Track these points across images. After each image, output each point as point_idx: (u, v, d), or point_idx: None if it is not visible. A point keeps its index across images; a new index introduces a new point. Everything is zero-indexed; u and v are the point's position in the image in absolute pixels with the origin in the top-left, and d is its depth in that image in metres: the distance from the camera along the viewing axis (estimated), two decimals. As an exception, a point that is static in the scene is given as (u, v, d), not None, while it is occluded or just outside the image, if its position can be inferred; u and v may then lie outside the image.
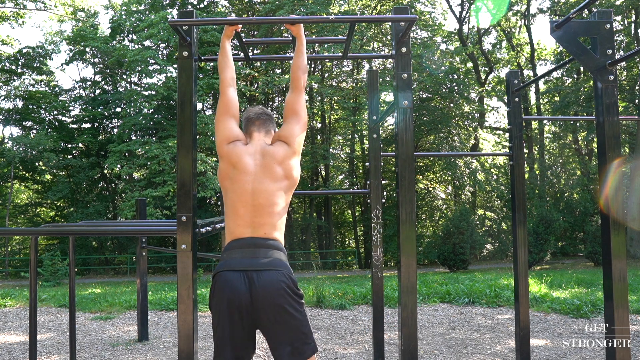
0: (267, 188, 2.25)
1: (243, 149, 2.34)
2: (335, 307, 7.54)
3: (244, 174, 2.27)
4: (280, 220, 2.28)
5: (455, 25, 26.11)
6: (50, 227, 4.36)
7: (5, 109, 23.21)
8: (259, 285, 2.09)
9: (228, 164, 2.32)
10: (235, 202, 2.25)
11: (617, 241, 2.60)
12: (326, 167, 24.81)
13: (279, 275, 2.12)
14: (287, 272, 2.17)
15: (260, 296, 2.08)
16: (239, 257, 2.16)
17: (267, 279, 2.10)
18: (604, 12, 2.73)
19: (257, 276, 2.10)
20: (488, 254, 23.71)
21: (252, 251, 2.16)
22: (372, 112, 4.31)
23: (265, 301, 2.08)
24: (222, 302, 2.12)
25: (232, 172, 2.30)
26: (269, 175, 2.28)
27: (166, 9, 21.68)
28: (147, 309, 6.00)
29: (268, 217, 2.23)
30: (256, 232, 2.21)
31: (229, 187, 2.30)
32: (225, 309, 2.10)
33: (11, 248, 25.41)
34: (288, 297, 2.11)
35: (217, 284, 2.16)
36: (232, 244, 2.23)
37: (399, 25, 2.59)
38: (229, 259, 2.19)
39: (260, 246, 2.18)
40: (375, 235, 4.21)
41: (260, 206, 2.23)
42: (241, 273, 2.12)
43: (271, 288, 2.09)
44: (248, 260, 2.14)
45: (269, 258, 2.16)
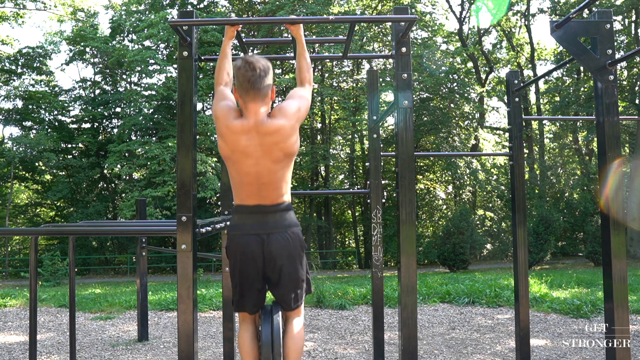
0: (270, 169, 2.33)
1: (239, 126, 2.31)
2: (335, 307, 7.54)
3: (245, 157, 2.32)
4: (286, 185, 2.42)
5: (455, 25, 26.12)
6: (50, 227, 4.35)
7: (5, 109, 23.20)
8: (270, 245, 2.34)
9: (227, 145, 2.35)
10: (240, 180, 2.38)
11: (617, 241, 2.60)
12: (326, 167, 24.80)
13: (288, 235, 2.38)
14: (296, 231, 2.41)
15: (272, 254, 2.35)
16: (251, 222, 2.37)
17: (278, 240, 2.36)
18: (604, 12, 2.73)
19: (267, 238, 2.35)
20: (488, 254, 23.70)
21: (262, 216, 2.37)
22: (372, 112, 4.30)
23: (276, 258, 2.35)
24: (239, 257, 2.38)
25: (233, 155, 2.35)
26: (271, 157, 2.32)
27: (166, 9, 21.68)
28: (147, 309, 6.00)
29: (273, 189, 2.37)
30: (264, 201, 2.37)
31: (231, 166, 2.39)
32: (243, 262, 2.37)
33: (11, 248, 25.40)
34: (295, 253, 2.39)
35: (234, 244, 2.40)
36: (242, 209, 2.40)
37: (399, 25, 2.59)
38: (241, 223, 2.39)
39: (269, 212, 2.37)
40: (375, 235, 4.21)
41: (265, 184, 2.35)
42: (254, 236, 2.35)
43: (282, 247, 2.36)
44: (259, 226, 2.36)
45: (278, 221, 2.37)
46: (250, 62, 2.28)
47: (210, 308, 7.75)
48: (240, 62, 2.31)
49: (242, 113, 2.35)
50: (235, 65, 2.33)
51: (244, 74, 2.28)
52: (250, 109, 2.32)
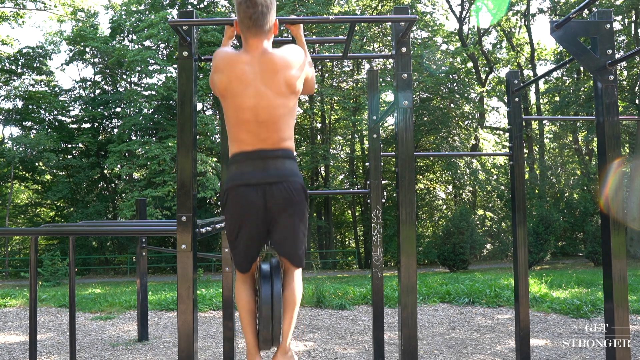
0: (270, 102, 2.14)
1: (237, 57, 2.18)
2: (335, 307, 7.54)
3: (242, 85, 2.14)
4: (289, 129, 2.22)
5: (455, 25, 26.13)
6: (50, 227, 4.36)
7: (5, 109, 23.22)
8: (271, 197, 2.15)
9: (223, 76, 2.17)
10: (237, 119, 2.18)
11: (617, 241, 2.60)
12: (326, 167, 24.80)
13: (291, 185, 2.18)
14: (298, 181, 2.21)
15: (273, 205, 2.15)
16: (250, 171, 2.16)
17: (279, 191, 2.15)
18: (604, 12, 2.73)
19: (269, 189, 2.15)
20: (488, 254, 23.70)
21: (262, 163, 2.16)
22: (372, 112, 4.30)
23: (278, 209, 2.16)
24: (237, 213, 2.18)
25: (229, 84, 2.16)
26: (271, 87, 2.15)
27: (166, 9, 21.68)
28: (147, 309, 6.00)
29: (273, 131, 2.17)
30: (264, 144, 2.17)
31: (228, 102, 2.19)
32: (241, 217, 2.18)
33: (11, 248, 25.41)
34: (299, 205, 2.19)
35: (231, 197, 2.19)
36: (240, 156, 2.20)
37: (399, 25, 2.59)
38: (240, 172, 2.18)
39: (270, 157, 2.17)
40: (375, 235, 4.21)
41: (264, 121, 2.16)
42: (254, 186, 2.15)
43: (283, 198, 2.15)
44: (259, 174, 2.15)
45: (279, 169, 2.17)
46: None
47: (210, 308, 7.75)
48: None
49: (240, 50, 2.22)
50: (235, 1, 2.17)
51: (244, 10, 2.12)
52: (251, 44, 2.18)
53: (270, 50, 2.19)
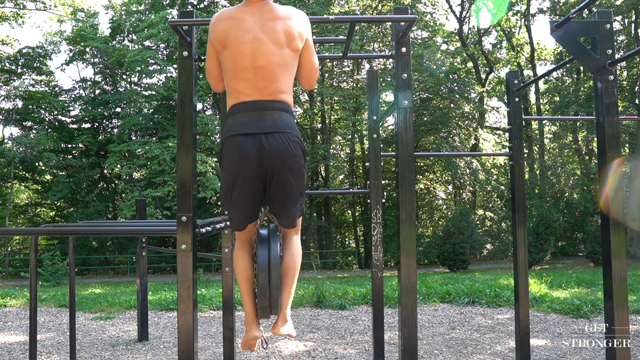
0: (268, 49, 2.11)
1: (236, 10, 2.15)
2: (335, 307, 7.54)
3: (241, 33, 2.11)
4: (287, 82, 2.18)
5: (455, 25, 26.13)
6: (50, 227, 4.35)
7: (5, 109, 23.22)
8: (267, 148, 2.11)
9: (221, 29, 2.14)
10: (234, 67, 2.14)
11: (617, 241, 2.60)
12: (326, 168, 24.80)
13: (287, 137, 2.14)
14: (295, 134, 2.18)
15: (269, 158, 2.11)
16: (246, 121, 2.13)
17: (276, 142, 2.11)
18: (604, 12, 2.73)
19: (265, 139, 2.11)
20: (488, 254, 23.71)
21: (258, 114, 2.13)
22: (372, 112, 4.31)
23: (274, 162, 2.12)
24: (233, 163, 2.15)
25: (226, 34, 2.13)
26: (270, 36, 2.12)
27: (166, 9, 21.67)
28: (147, 309, 6.00)
29: (271, 80, 2.14)
30: (262, 95, 2.15)
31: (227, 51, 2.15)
32: (237, 168, 2.13)
33: (11, 248, 25.41)
34: (295, 158, 2.15)
35: (227, 148, 2.17)
36: (237, 107, 2.17)
37: (399, 25, 2.59)
38: (236, 123, 2.16)
39: (267, 109, 2.14)
40: (375, 235, 4.21)
41: (263, 69, 2.12)
42: (249, 136, 2.12)
43: (279, 150, 2.11)
44: (255, 123, 2.12)
45: (276, 120, 2.13)
46: None
47: (210, 308, 7.75)
48: None
49: None
50: None
51: None
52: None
53: (272, 4, 2.17)
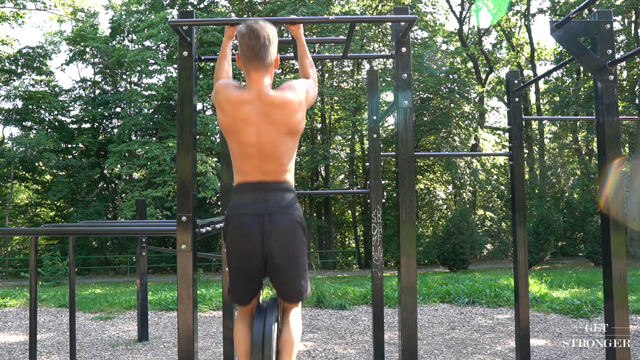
0: (273, 140, 2.20)
1: (240, 96, 2.22)
2: (335, 307, 7.54)
3: (246, 125, 2.19)
4: (290, 163, 2.28)
5: (455, 25, 26.13)
6: (50, 227, 4.36)
7: (5, 109, 23.21)
8: (271, 228, 2.17)
9: (227, 116, 2.23)
10: (241, 153, 2.24)
11: (617, 241, 2.60)
12: (326, 168, 24.80)
13: (290, 217, 2.22)
14: (297, 214, 2.24)
15: (273, 237, 2.18)
16: (251, 201, 2.21)
17: (279, 222, 2.19)
18: (604, 12, 2.73)
19: (268, 219, 2.18)
20: (488, 254, 23.70)
21: (263, 195, 2.21)
22: (372, 112, 4.31)
23: (277, 241, 2.18)
24: (236, 241, 2.21)
25: (233, 125, 2.22)
26: (273, 125, 2.19)
27: (166, 9, 21.68)
28: (147, 309, 6.00)
29: (276, 165, 2.23)
30: (266, 177, 2.23)
31: (232, 138, 2.25)
32: (240, 246, 2.20)
33: (11, 248, 25.41)
34: (297, 238, 2.22)
35: (231, 225, 2.23)
36: (242, 187, 2.24)
37: (399, 25, 2.59)
38: (241, 202, 2.23)
39: (271, 190, 2.22)
40: (375, 235, 4.21)
41: (268, 156, 2.21)
42: (253, 216, 2.19)
43: (282, 230, 2.19)
44: (260, 204, 2.19)
45: (279, 201, 2.21)
46: (254, 30, 2.16)
47: (210, 308, 7.75)
48: (243, 29, 2.18)
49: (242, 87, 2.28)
50: (238, 32, 2.21)
51: (247, 42, 2.17)
52: (253, 78, 2.22)
53: (271, 93, 2.22)
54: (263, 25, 2.18)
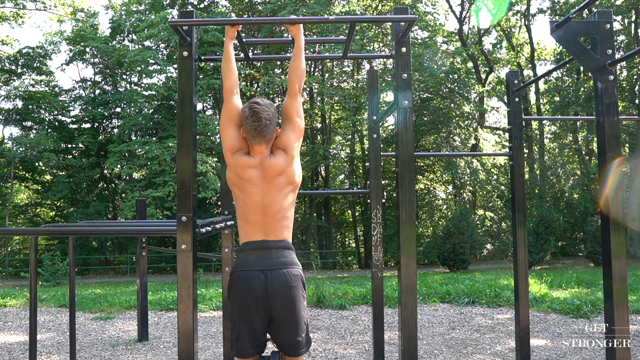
0: (275, 198, 2.46)
1: (246, 162, 2.48)
2: (335, 307, 7.54)
3: (251, 185, 2.45)
4: (289, 221, 2.52)
5: (455, 25, 26.15)
6: (50, 227, 4.35)
7: (5, 109, 23.20)
8: (272, 281, 2.37)
9: (235, 175, 2.49)
10: (247, 211, 2.48)
11: (617, 241, 2.60)
12: (326, 168, 24.79)
13: (290, 271, 2.42)
14: (297, 269, 2.46)
15: (274, 290, 2.37)
16: (255, 259, 2.42)
17: (280, 276, 2.39)
18: (604, 12, 2.73)
19: (270, 274, 2.38)
20: (488, 254, 23.70)
21: (265, 252, 2.43)
22: (372, 112, 4.31)
23: (278, 294, 2.37)
24: (241, 294, 2.39)
25: (240, 183, 2.48)
26: (275, 186, 2.46)
27: (166, 9, 21.67)
28: (147, 309, 6.00)
29: (278, 222, 2.47)
30: (268, 236, 2.46)
31: (239, 195, 2.50)
32: (244, 298, 2.38)
33: (11, 248, 25.40)
34: (298, 292, 2.42)
35: (236, 280, 2.41)
36: (247, 246, 2.46)
37: (399, 26, 2.59)
38: (245, 259, 2.43)
39: (272, 248, 2.44)
40: (375, 235, 4.21)
41: (271, 214, 2.46)
42: (258, 271, 2.39)
43: (283, 283, 2.38)
44: (263, 261, 2.41)
45: (280, 258, 2.43)
46: (256, 112, 2.41)
47: (210, 308, 7.76)
48: (247, 111, 2.43)
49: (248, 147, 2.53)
50: (242, 112, 2.46)
51: (251, 124, 2.42)
52: (256, 150, 2.48)
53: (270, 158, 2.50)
54: (263, 107, 2.44)
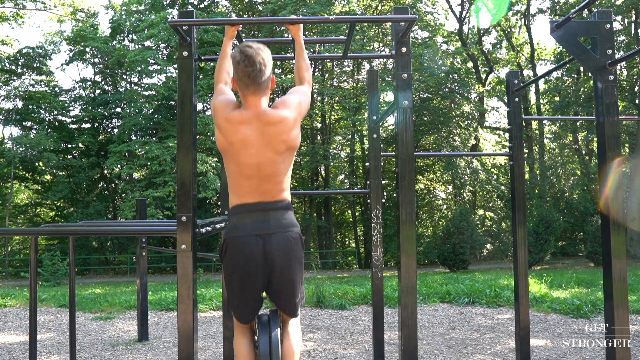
0: (271, 159, 2.23)
1: (238, 116, 2.23)
2: (335, 307, 7.54)
3: (244, 146, 2.22)
4: (287, 181, 2.31)
5: (455, 25, 26.15)
6: (50, 227, 4.35)
7: (5, 109, 23.21)
8: (271, 247, 2.21)
9: (225, 137, 2.25)
10: (240, 174, 2.26)
11: (617, 241, 2.60)
12: (326, 167, 24.80)
13: (290, 235, 2.26)
14: (296, 231, 2.30)
15: (273, 256, 2.22)
16: (251, 222, 2.23)
17: (279, 241, 2.23)
18: (604, 12, 2.73)
19: (269, 239, 2.22)
20: (488, 254, 23.71)
21: (262, 215, 2.24)
22: (372, 112, 4.31)
23: (277, 259, 2.22)
24: (238, 261, 2.23)
25: (231, 146, 2.24)
26: (271, 147, 2.23)
27: (166, 9, 21.68)
28: (147, 309, 6.00)
29: (275, 184, 2.26)
30: (264, 197, 2.25)
31: (230, 159, 2.27)
32: (242, 266, 2.23)
33: (11, 248, 25.41)
34: (297, 255, 2.27)
35: (232, 247, 2.24)
36: (241, 209, 2.26)
37: (399, 25, 2.59)
38: (240, 224, 2.24)
39: (270, 209, 2.25)
40: (375, 235, 4.21)
41: (266, 176, 2.24)
42: (255, 237, 2.22)
43: (283, 249, 2.23)
44: (260, 224, 2.23)
45: (279, 220, 2.25)
46: (249, 56, 2.17)
47: (210, 308, 7.75)
48: (238, 56, 2.18)
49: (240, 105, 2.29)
50: (233, 57, 2.22)
51: (243, 69, 2.18)
52: (250, 101, 2.24)
53: (268, 111, 2.25)
54: (257, 50, 2.18)
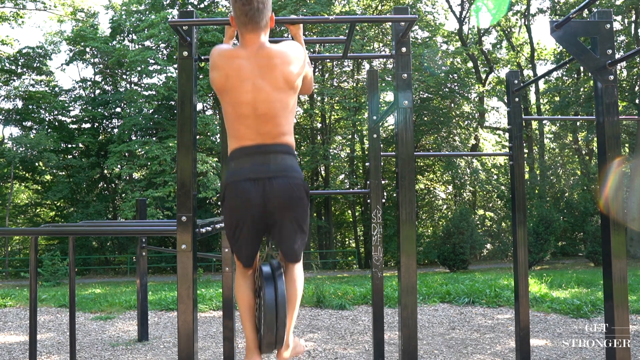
0: (269, 95, 2.11)
1: (235, 52, 2.15)
2: (335, 307, 7.54)
3: (240, 81, 2.11)
4: (289, 124, 2.18)
5: (455, 25, 26.16)
6: (50, 227, 4.35)
7: (5, 109, 23.22)
8: (272, 192, 2.10)
9: (220, 73, 2.14)
10: (236, 114, 2.15)
11: (617, 241, 2.60)
12: (326, 167, 24.80)
13: (291, 180, 2.14)
14: (298, 176, 2.17)
15: (274, 201, 2.11)
16: (249, 166, 2.12)
17: (280, 186, 2.11)
18: (604, 12, 2.73)
19: (269, 183, 2.10)
20: (488, 254, 23.71)
21: (262, 158, 2.12)
22: (372, 112, 4.30)
23: (278, 206, 2.12)
24: (237, 207, 2.13)
25: (227, 82, 2.13)
26: (269, 81, 2.11)
27: (166, 9, 21.69)
28: (147, 309, 6.00)
29: (274, 125, 2.14)
30: (264, 139, 2.14)
31: (226, 97, 2.16)
32: (242, 214, 2.13)
33: (11, 248, 25.41)
34: (299, 200, 2.15)
35: (230, 193, 2.15)
36: (240, 152, 2.16)
37: (399, 25, 2.59)
38: (239, 168, 2.14)
39: (270, 152, 2.13)
40: (375, 235, 4.21)
41: (263, 115, 2.12)
42: (254, 182, 2.11)
43: (284, 194, 2.11)
44: (259, 168, 2.11)
45: (279, 164, 2.13)
46: None
47: (210, 308, 7.75)
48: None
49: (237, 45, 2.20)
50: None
51: (240, 7, 2.09)
52: (248, 39, 2.15)
53: (267, 45, 2.16)
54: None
